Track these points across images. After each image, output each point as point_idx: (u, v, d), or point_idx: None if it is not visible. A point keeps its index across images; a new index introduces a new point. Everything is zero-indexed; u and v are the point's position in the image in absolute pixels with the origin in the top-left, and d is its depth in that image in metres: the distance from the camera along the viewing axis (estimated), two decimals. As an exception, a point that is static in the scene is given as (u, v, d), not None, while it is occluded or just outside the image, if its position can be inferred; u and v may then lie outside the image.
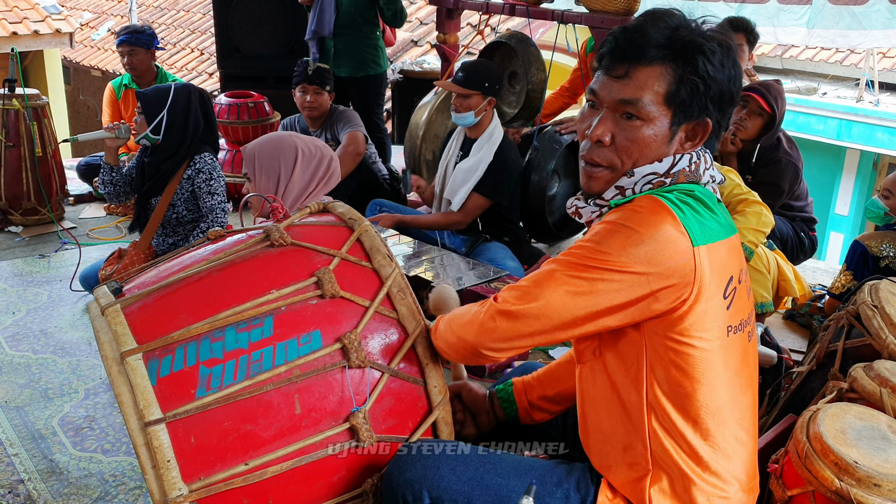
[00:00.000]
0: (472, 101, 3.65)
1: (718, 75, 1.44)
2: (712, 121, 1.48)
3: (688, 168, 1.49)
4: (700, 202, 1.46)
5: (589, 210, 1.55)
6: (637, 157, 1.47)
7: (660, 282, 1.38)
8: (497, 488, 1.52)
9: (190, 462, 1.46)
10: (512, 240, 3.89)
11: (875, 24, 4.09)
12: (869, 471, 1.56)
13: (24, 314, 3.55)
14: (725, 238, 1.47)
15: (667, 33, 1.43)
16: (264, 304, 1.57)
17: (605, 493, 1.54)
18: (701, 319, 1.42)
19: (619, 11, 3.70)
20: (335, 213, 1.84)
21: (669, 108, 1.44)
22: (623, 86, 1.45)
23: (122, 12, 11.65)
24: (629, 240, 1.38)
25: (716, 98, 1.45)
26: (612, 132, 1.47)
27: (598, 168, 1.50)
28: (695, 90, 1.43)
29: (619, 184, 1.49)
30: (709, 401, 1.46)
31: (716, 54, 1.43)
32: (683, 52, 1.42)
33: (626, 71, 1.44)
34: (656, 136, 1.46)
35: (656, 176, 1.47)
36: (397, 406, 1.64)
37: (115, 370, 1.49)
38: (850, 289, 3.05)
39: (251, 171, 2.71)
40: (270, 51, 5.51)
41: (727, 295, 1.46)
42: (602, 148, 1.48)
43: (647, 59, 1.43)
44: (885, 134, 8.62)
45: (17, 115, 4.29)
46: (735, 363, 1.51)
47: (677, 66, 1.43)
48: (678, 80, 1.43)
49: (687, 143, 1.50)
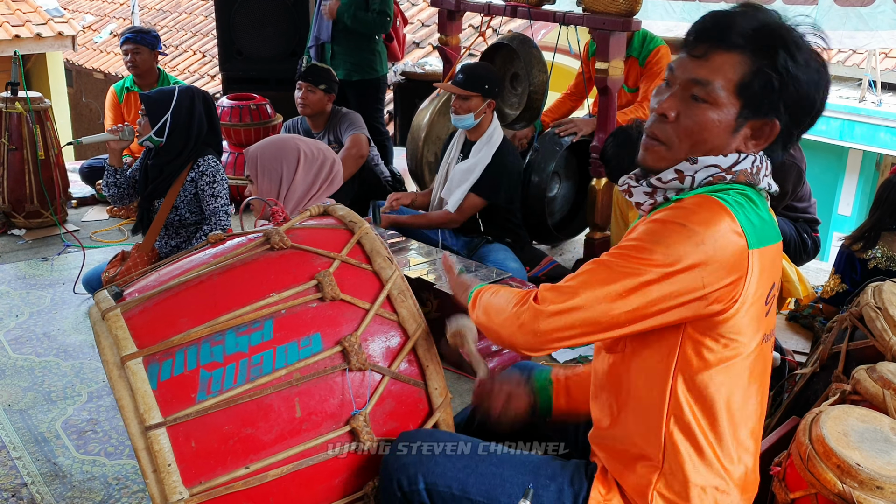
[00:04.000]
0: (472, 102, 3.65)
1: (799, 75, 1.38)
2: (781, 123, 1.42)
3: (749, 170, 1.45)
4: (754, 205, 1.43)
5: (641, 191, 1.51)
6: (696, 140, 1.43)
7: (714, 282, 1.35)
8: (491, 477, 1.53)
9: (191, 466, 1.46)
10: (514, 241, 3.89)
11: (881, 24, 4.09)
12: (872, 473, 1.55)
13: (28, 317, 3.55)
14: (776, 243, 1.46)
15: (755, 24, 1.39)
16: (264, 308, 1.57)
17: (598, 489, 1.53)
18: (741, 323, 1.40)
19: (621, 13, 3.70)
20: (335, 215, 1.84)
21: (739, 98, 1.40)
22: (698, 66, 1.42)
23: (124, 15, 11.67)
24: (688, 239, 1.34)
25: (791, 100, 1.40)
26: (678, 110, 1.44)
27: (656, 143, 1.47)
28: (768, 85, 1.38)
29: (680, 168, 1.45)
30: (729, 406, 1.45)
31: (801, 52, 1.38)
32: (765, 44, 1.38)
33: (704, 51, 1.41)
34: (720, 122, 1.42)
35: (718, 170, 1.44)
36: (398, 408, 1.64)
37: (115, 374, 1.49)
38: (839, 292, 3.06)
39: (254, 174, 2.71)
40: (272, 53, 5.51)
41: (768, 301, 1.45)
42: (664, 123, 1.45)
43: (727, 44, 1.39)
44: (887, 134, 8.61)
45: (19, 117, 4.29)
46: (759, 371, 1.50)
47: (756, 57, 1.38)
48: (754, 71, 1.38)
49: (751, 141, 1.46)
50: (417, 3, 9.20)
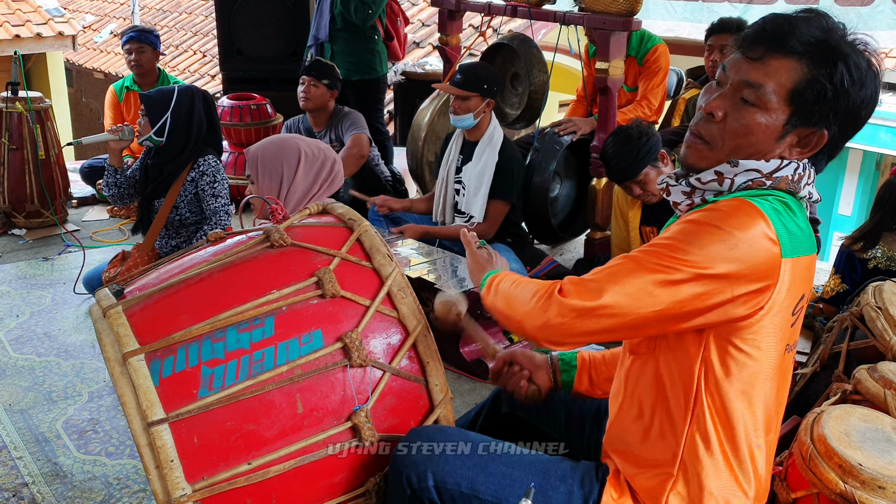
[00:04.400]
0: (471, 102, 3.65)
1: (853, 90, 1.36)
2: (829, 134, 1.40)
3: (791, 177, 1.42)
4: (792, 213, 1.40)
5: (679, 190, 1.49)
6: (740, 142, 1.41)
7: (743, 286, 1.33)
8: (501, 476, 1.52)
9: (193, 462, 1.46)
10: (514, 241, 3.89)
11: (880, 24, 4.09)
12: (873, 473, 1.55)
13: (28, 317, 3.55)
14: (810, 254, 1.43)
15: (817, 33, 1.36)
16: (265, 305, 1.57)
17: (610, 493, 1.52)
18: (766, 331, 1.39)
19: (621, 13, 3.70)
20: (334, 213, 1.84)
21: (790, 105, 1.38)
22: (753, 68, 1.39)
23: (124, 15, 11.68)
24: (722, 242, 1.32)
25: (841, 112, 1.38)
26: (725, 109, 1.41)
27: (699, 141, 1.45)
28: (822, 95, 1.36)
29: (720, 170, 1.43)
30: (749, 414, 1.45)
31: (860, 69, 1.36)
32: (826, 54, 1.35)
33: (761, 54, 1.38)
34: (767, 127, 1.39)
35: (759, 174, 1.41)
36: (399, 405, 1.64)
37: (117, 371, 1.49)
38: (839, 293, 3.06)
39: (254, 174, 2.71)
40: (273, 53, 5.52)
41: (795, 312, 1.43)
42: (710, 122, 1.43)
43: (785, 49, 1.37)
44: (887, 134, 8.60)
45: (20, 117, 4.29)
46: (780, 380, 1.48)
47: (813, 66, 1.35)
48: (809, 79, 1.36)
49: (796, 148, 1.43)
50: (418, 2, 9.20)
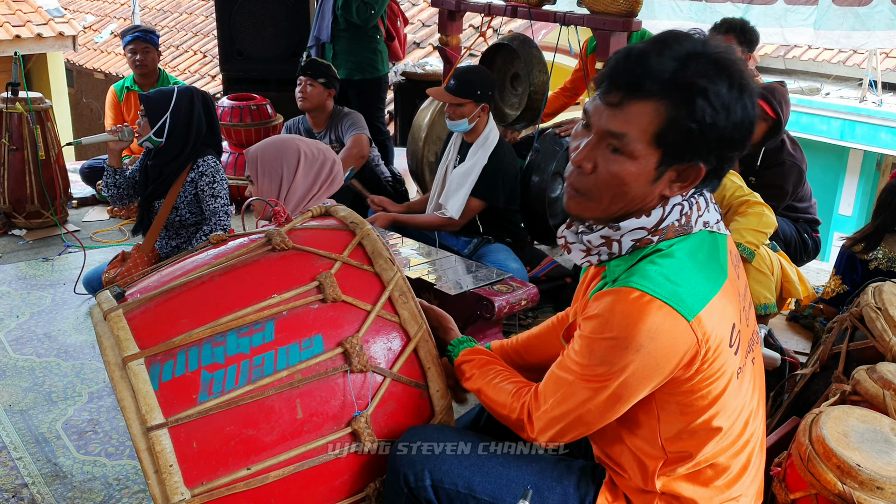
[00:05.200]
0: (465, 109, 3.65)
1: (719, 122, 1.31)
2: (707, 166, 1.37)
3: (678, 222, 1.41)
4: (691, 258, 1.40)
5: (578, 249, 1.51)
6: (616, 192, 1.39)
7: (668, 365, 1.36)
8: (497, 476, 1.54)
9: (192, 467, 1.47)
10: (514, 241, 3.89)
11: (878, 24, 4.10)
12: (872, 474, 1.55)
13: (28, 318, 3.55)
14: (719, 290, 1.40)
15: (672, 66, 1.30)
16: (266, 309, 1.57)
17: (605, 496, 1.54)
18: (712, 374, 1.41)
19: (621, 13, 3.70)
20: (337, 216, 1.84)
21: (658, 148, 1.34)
22: (613, 115, 1.35)
23: (124, 15, 11.67)
24: (624, 349, 1.35)
25: (713, 144, 1.33)
26: (594, 161, 1.39)
27: (577, 194, 1.44)
28: (688, 135, 1.32)
29: (605, 234, 1.44)
30: (720, 438, 1.46)
31: (720, 98, 1.30)
32: (682, 92, 1.30)
33: (619, 100, 1.34)
34: (639, 174, 1.36)
35: (644, 232, 1.41)
36: (399, 410, 1.64)
37: (117, 375, 1.49)
38: (839, 293, 3.06)
39: (254, 174, 2.71)
40: (273, 53, 5.51)
41: (733, 343, 1.43)
42: (583, 175, 1.41)
43: (642, 93, 1.32)
44: (888, 134, 8.60)
45: (20, 118, 4.29)
46: (743, 394, 1.50)
47: (672, 107, 1.31)
48: (670, 121, 1.31)
49: (676, 184, 1.39)
50: (418, 3, 9.20)
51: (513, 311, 3.07)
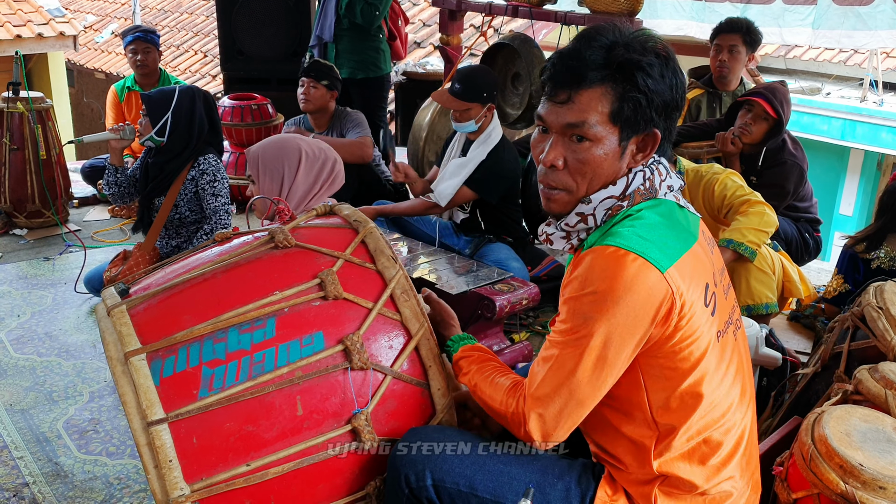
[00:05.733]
0: (472, 112, 3.64)
1: (659, 87, 1.45)
2: (660, 130, 1.49)
3: (643, 186, 1.51)
4: (661, 217, 1.48)
5: (559, 237, 1.57)
6: (591, 176, 1.49)
7: (647, 316, 1.41)
8: (499, 474, 1.54)
9: (192, 462, 1.47)
10: (515, 241, 3.89)
11: (880, 24, 4.09)
12: (874, 473, 1.55)
13: (29, 317, 3.55)
14: (689, 249, 1.48)
15: (602, 53, 1.44)
16: (267, 306, 1.57)
17: (604, 490, 1.55)
18: (690, 333, 1.45)
19: (622, 12, 3.70)
20: (341, 214, 1.84)
21: (615, 125, 1.46)
22: (567, 110, 1.47)
23: (125, 15, 11.68)
24: (603, 301, 1.40)
25: (660, 109, 1.47)
26: (563, 156, 1.49)
27: (555, 191, 1.53)
28: (638, 105, 1.45)
29: (579, 210, 1.51)
30: (707, 407, 1.49)
31: (654, 67, 1.45)
32: (621, 71, 1.44)
33: (568, 96, 1.46)
34: (607, 154, 1.48)
35: (613, 199, 1.49)
36: (400, 408, 1.64)
37: (119, 370, 1.49)
38: (841, 293, 3.06)
39: (255, 174, 2.71)
40: (274, 53, 5.51)
41: (708, 303, 1.49)
42: (556, 172, 1.51)
43: (587, 83, 1.45)
44: (889, 134, 8.59)
45: (21, 117, 4.29)
46: (726, 364, 1.53)
47: (617, 85, 1.44)
48: (620, 97, 1.44)
49: (638, 154, 1.51)
50: (419, 2, 9.21)
51: (514, 311, 3.06)
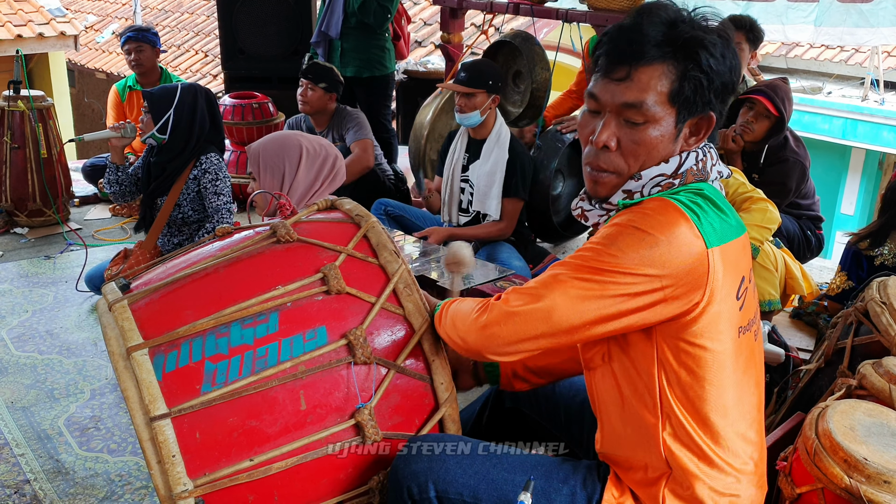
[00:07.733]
0: (477, 100, 3.63)
1: (721, 67, 1.40)
2: (716, 113, 1.45)
3: (695, 167, 1.46)
4: (710, 202, 1.43)
5: (596, 213, 1.52)
6: (644, 158, 1.43)
7: (673, 285, 1.35)
8: (503, 483, 1.52)
9: (195, 457, 1.46)
10: (518, 239, 3.88)
11: (882, 21, 4.09)
12: (879, 468, 1.54)
13: (30, 315, 3.55)
14: (737, 238, 1.44)
15: (664, 29, 1.39)
16: (270, 300, 1.56)
17: (611, 492, 1.53)
18: (714, 322, 1.40)
19: (624, 10, 3.69)
20: (342, 209, 1.83)
21: (674, 105, 1.41)
22: (625, 88, 1.40)
23: (126, 15, 11.69)
24: (642, 242, 1.34)
25: (719, 91, 1.42)
26: (617, 136, 1.43)
27: (604, 174, 1.46)
28: (699, 86, 1.39)
29: (627, 188, 1.46)
30: (719, 402, 1.45)
31: (717, 46, 1.39)
32: (685, 48, 1.38)
33: (626, 73, 1.40)
34: (662, 136, 1.42)
35: (664, 177, 1.44)
36: (403, 403, 1.63)
37: (121, 365, 1.49)
38: (844, 290, 3.05)
39: (256, 170, 2.71)
40: (275, 52, 5.51)
41: (740, 296, 1.44)
42: (608, 153, 1.44)
43: (647, 59, 1.38)
44: (890, 133, 8.59)
45: (22, 116, 4.29)
46: (744, 363, 1.49)
47: (679, 63, 1.39)
48: (681, 77, 1.39)
49: (692, 138, 1.46)
50: (420, 1, 9.21)
51: (515, 308, 3.06)
